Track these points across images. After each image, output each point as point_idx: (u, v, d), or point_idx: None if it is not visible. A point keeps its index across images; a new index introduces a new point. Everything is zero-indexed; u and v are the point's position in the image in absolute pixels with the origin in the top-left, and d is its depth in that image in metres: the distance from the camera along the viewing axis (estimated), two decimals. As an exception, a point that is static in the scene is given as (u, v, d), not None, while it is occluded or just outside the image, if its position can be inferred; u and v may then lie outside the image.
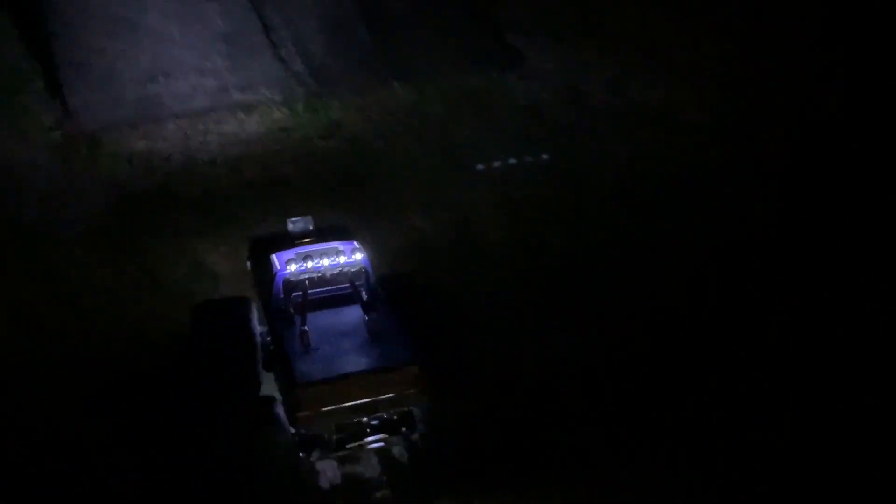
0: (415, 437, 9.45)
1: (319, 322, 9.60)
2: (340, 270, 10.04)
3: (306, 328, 9.37)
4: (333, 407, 8.99)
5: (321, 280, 10.03)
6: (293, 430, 9.16)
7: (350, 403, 9.01)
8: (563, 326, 12.69)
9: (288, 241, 10.30)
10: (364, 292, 10.03)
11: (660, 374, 12.34)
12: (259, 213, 14.49)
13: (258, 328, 10.26)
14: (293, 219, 10.61)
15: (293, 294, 9.76)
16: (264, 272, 10.14)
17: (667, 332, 13.18)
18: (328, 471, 9.64)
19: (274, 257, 10.10)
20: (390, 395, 9.09)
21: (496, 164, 16.61)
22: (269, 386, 9.74)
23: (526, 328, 12.43)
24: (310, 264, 9.96)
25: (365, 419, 9.18)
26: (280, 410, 9.34)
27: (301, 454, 9.19)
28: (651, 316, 13.54)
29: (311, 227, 10.54)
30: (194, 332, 10.28)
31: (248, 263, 11.10)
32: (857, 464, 10.81)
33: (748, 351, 12.75)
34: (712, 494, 10.68)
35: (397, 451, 9.85)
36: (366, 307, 9.76)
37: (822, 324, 13.18)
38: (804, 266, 14.49)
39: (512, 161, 16.70)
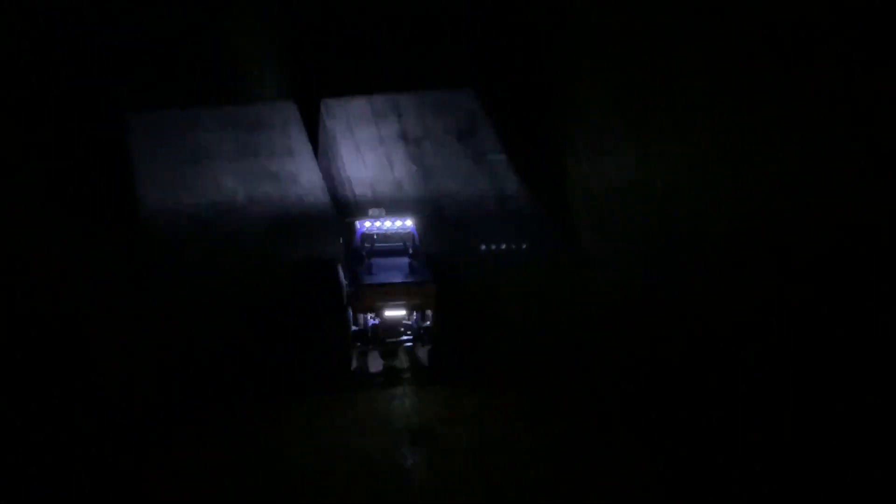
0: (429, 346, 14.14)
1: (380, 262, 14.48)
2: (396, 232, 14.86)
3: (371, 262, 14.34)
4: (381, 301, 13.90)
5: (384, 237, 14.83)
6: (354, 326, 13.94)
7: (391, 300, 13.86)
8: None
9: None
10: (410, 248, 14.77)
11: (659, 374, 12.42)
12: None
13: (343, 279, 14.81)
14: (372, 209, 15.18)
15: (366, 244, 14.53)
16: (350, 233, 14.87)
17: (666, 331, 13.27)
18: (373, 359, 14.29)
19: (356, 222, 15.00)
20: (416, 300, 14.00)
21: None
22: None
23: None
24: (378, 224, 14.86)
25: (402, 328, 13.97)
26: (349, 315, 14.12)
27: (358, 344, 14.03)
28: (650, 315, 13.65)
29: (384, 212, 15.15)
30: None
31: (340, 239, 15.48)
32: (856, 464, 10.82)
33: (748, 351, 12.80)
34: (713, 494, 10.71)
35: (420, 353, 14.37)
36: (410, 256, 14.60)
37: (821, 324, 13.22)
38: (804, 266, 14.53)
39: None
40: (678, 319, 13.66)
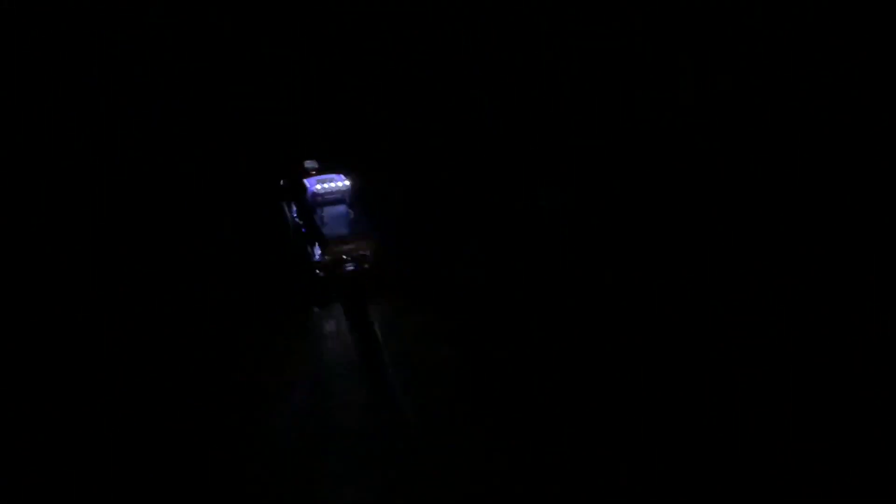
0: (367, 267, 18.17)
1: (327, 211, 18.79)
2: (338, 188, 19.05)
3: (322, 213, 18.36)
4: (337, 249, 17.89)
5: (328, 192, 18.83)
6: (317, 260, 17.75)
7: (344, 248, 18.01)
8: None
9: (306, 172, 18.87)
10: (348, 200, 18.86)
11: (658, 374, 12.43)
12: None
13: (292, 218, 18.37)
14: (308, 160, 18.39)
15: (316, 197, 18.43)
16: (298, 188, 18.11)
17: (665, 331, 13.27)
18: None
19: (305, 181, 18.21)
20: (361, 250, 18.11)
21: None
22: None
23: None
24: (325, 185, 19.17)
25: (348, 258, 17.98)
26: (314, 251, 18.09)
27: (317, 271, 17.77)
28: (648, 314, 13.64)
29: (318, 165, 18.65)
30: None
31: (282, 181, 18.31)
32: (857, 464, 10.85)
33: (748, 351, 12.81)
34: (712, 494, 10.75)
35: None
36: (349, 206, 18.78)
37: (821, 324, 13.22)
38: (803, 265, 14.52)
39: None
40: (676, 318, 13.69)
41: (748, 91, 19.58)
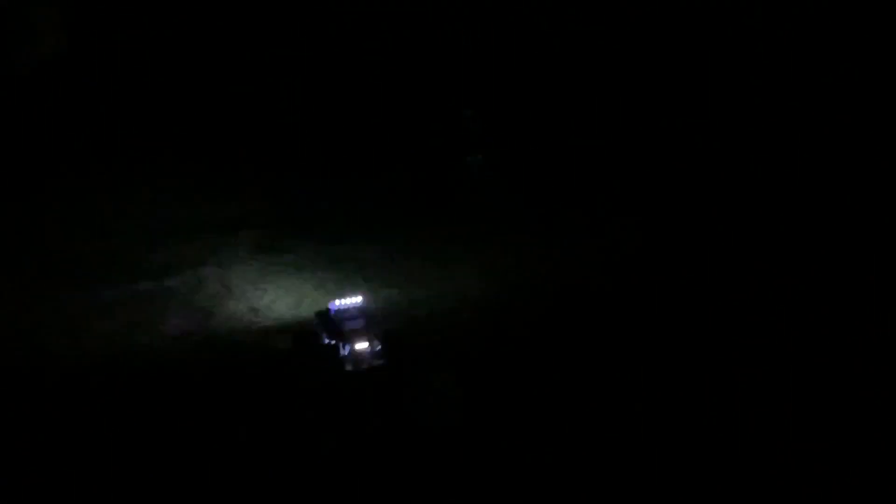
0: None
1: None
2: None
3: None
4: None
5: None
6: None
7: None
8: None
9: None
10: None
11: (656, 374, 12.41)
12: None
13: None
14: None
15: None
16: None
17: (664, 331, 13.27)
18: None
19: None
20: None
21: None
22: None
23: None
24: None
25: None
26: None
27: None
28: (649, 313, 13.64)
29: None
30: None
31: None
32: (856, 464, 10.81)
33: (748, 350, 12.80)
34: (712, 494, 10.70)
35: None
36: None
37: (821, 324, 13.22)
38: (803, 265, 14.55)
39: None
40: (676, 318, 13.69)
41: (748, 91, 19.58)
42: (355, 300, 13.56)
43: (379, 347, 13.15)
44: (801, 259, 14.87)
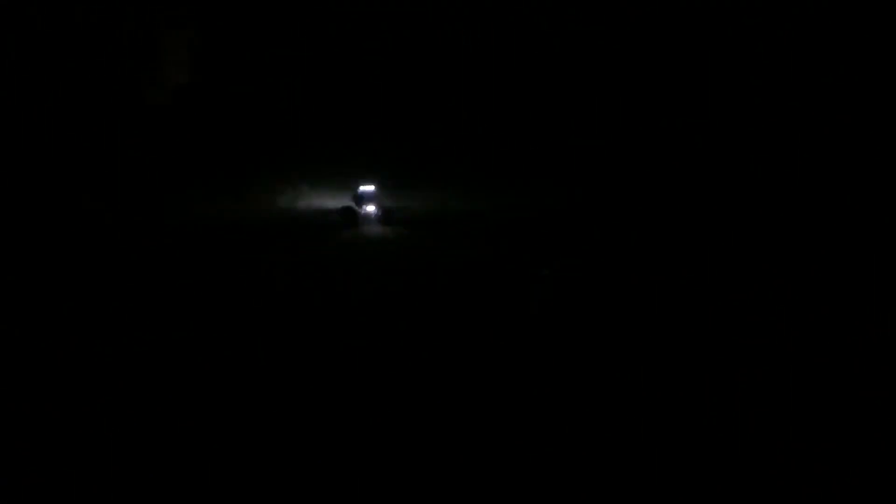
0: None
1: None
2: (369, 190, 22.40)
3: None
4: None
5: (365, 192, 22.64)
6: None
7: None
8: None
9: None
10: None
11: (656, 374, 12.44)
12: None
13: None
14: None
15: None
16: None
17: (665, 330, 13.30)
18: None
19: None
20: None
21: None
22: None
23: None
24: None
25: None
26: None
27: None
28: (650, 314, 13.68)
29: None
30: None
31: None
32: (857, 464, 10.81)
33: (748, 350, 12.83)
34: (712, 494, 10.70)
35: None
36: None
37: (821, 324, 13.24)
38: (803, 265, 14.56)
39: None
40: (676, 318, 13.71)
41: (748, 91, 19.54)
42: (370, 188, 21.76)
43: (380, 213, 21.29)
44: (801, 259, 14.86)
